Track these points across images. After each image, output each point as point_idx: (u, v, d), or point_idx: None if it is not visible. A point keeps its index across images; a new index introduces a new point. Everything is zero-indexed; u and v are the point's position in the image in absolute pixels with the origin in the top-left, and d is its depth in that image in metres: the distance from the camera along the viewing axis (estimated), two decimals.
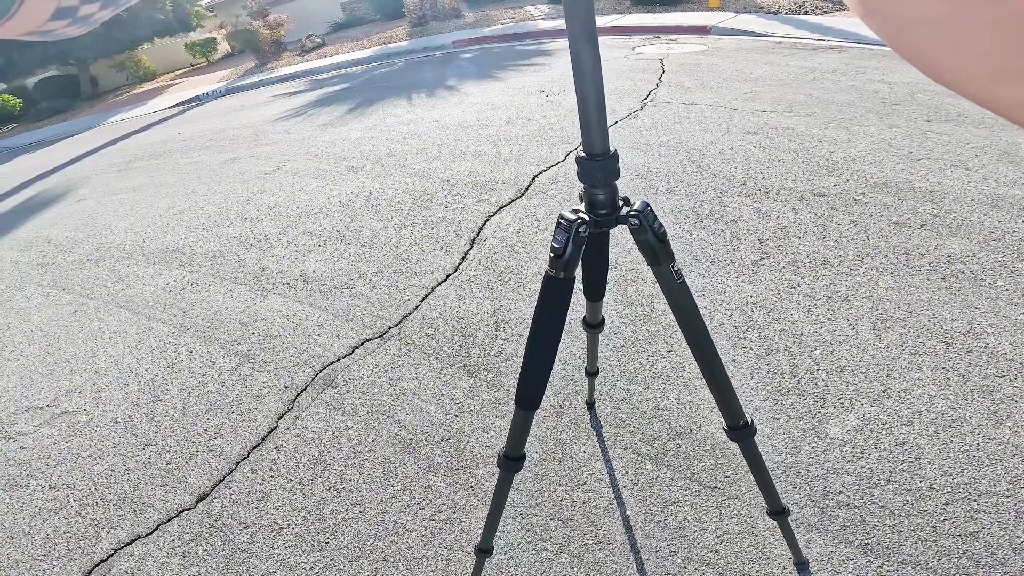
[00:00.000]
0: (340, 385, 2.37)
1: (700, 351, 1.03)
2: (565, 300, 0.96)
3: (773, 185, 3.35)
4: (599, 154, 0.86)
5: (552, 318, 0.97)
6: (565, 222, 0.92)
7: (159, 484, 2.05)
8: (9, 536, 1.97)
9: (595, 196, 0.91)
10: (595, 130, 0.84)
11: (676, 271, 0.97)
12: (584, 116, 0.83)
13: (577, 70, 0.79)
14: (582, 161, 0.88)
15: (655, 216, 0.94)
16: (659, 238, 0.93)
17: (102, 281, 3.73)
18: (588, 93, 0.81)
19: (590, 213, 0.92)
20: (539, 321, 0.98)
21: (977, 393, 1.81)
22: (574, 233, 0.91)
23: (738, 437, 1.13)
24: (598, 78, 0.80)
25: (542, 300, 0.96)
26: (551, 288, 0.94)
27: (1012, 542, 1.41)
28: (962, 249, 2.53)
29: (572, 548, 1.58)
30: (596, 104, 0.81)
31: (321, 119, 6.88)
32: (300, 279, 3.23)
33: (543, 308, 0.96)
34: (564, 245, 0.91)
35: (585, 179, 0.90)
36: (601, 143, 0.85)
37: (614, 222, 0.93)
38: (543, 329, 0.99)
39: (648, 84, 5.69)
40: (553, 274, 0.93)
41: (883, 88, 4.80)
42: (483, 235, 3.33)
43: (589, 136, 0.85)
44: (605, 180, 0.89)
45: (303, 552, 1.70)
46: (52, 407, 2.57)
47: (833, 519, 1.52)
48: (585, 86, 0.80)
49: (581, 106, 0.82)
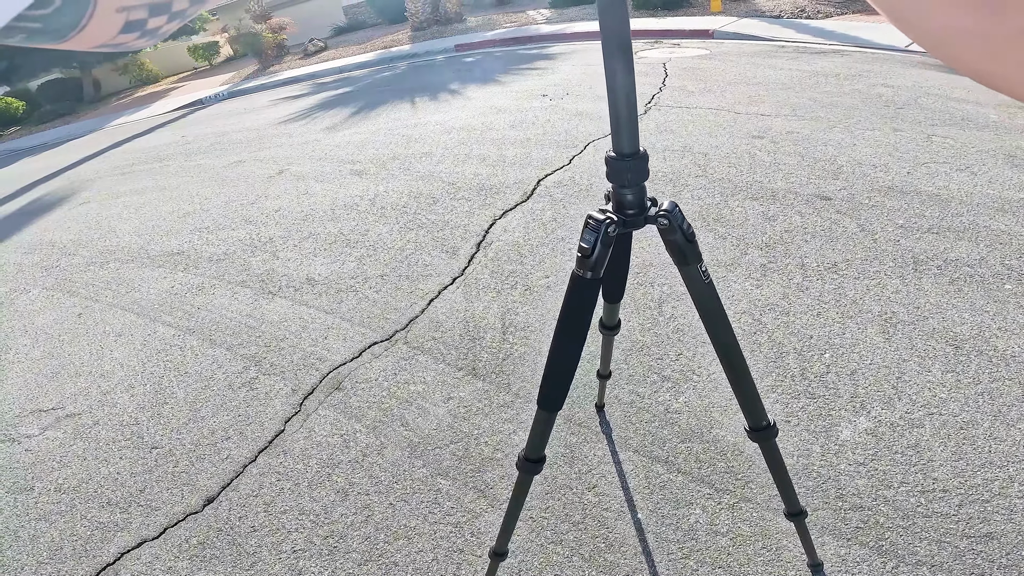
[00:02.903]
0: (347, 388, 2.36)
1: (725, 352, 1.02)
2: (592, 300, 0.95)
3: (779, 189, 3.35)
4: (629, 154, 0.86)
5: (579, 318, 0.97)
6: (594, 222, 0.91)
7: (166, 487, 2.04)
8: (14, 539, 1.96)
9: (624, 196, 0.91)
10: (625, 130, 0.84)
11: (704, 271, 0.96)
12: (615, 116, 0.83)
13: (609, 70, 0.79)
14: (612, 161, 0.87)
15: (683, 216, 0.94)
16: (688, 238, 0.93)
17: (107, 284, 3.73)
18: (619, 93, 0.80)
19: (618, 213, 0.92)
20: (565, 321, 0.97)
21: (988, 396, 1.81)
22: (603, 233, 0.90)
23: (760, 438, 1.13)
24: (630, 78, 0.80)
25: (568, 300, 0.95)
26: (578, 288, 0.94)
27: None
28: (970, 252, 2.52)
29: (584, 551, 1.58)
30: (627, 104, 0.81)
31: (325, 122, 6.89)
32: (306, 282, 3.23)
33: (570, 308, 0.96)
34: (592, 245, 0.90)
35: (614, 179, 0.89)
36: (631, 143, 0.85)
37: (642, 222, 0.93)
38: (569, 329, 0.98)
39: (651, 88, 5.70)
40: (581, 274, 0.92)
41: (887, 92, 4.81)
42: (489, 239, 3.33)
43: (619, 136, 0.84)
44: (634, 180, 0.89)
45: (311, 556, 1.70)
46: (57, 410, 2.57)
47: (847, 521, 1.51)
48: (616, 86, 0.80)
49: (612, 106, 0.82)
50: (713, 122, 4.55)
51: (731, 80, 5.70)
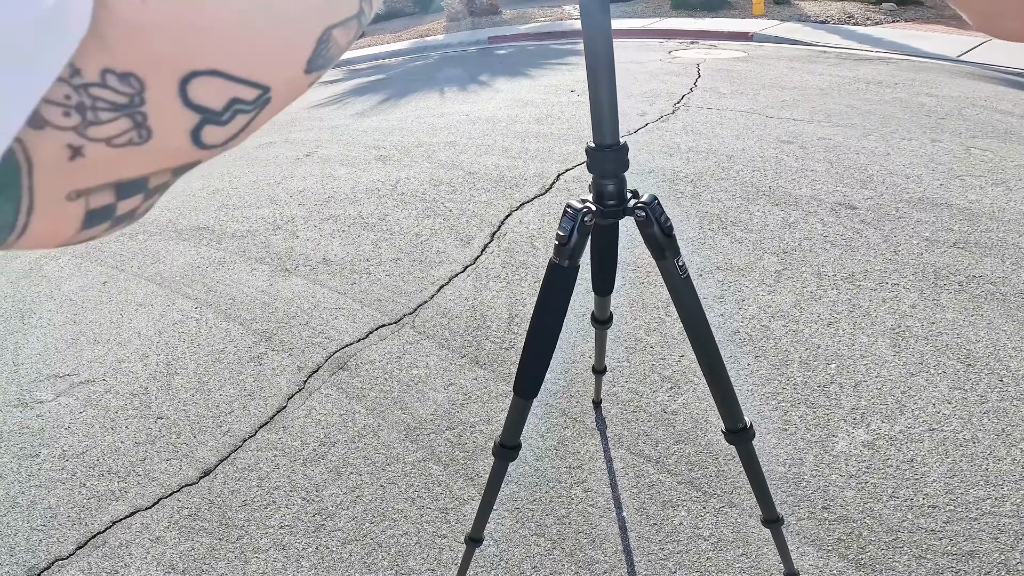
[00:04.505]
0: (351, 368, 2.39)
1: (702, 349, 1.01)
2: (568, 289, 0.95)
3: (803, 195, 3.28)
4: (609, 145, 0.86)
5: (554, 307, 0.97)
6: (571, 211, 0.92)
7: (166, 458, 2.09)
8: (12, 505, 2.01)
9: (604, 187, 0.91)
10: (606, 121, 0.84)
11: (681, 266, 0.95)
12: (596, 108, 0.83)
13: (590, 61, 0.79)
14: (592, 151, 0.88)
15: (662, 210, 0.93)
16: (665, 232, 0.92)
17: (133, 255, 3.82)
18: (600, 84, 0.80)
19: (597, 203, 0.92)
20: (541, 309, 0.98)
21: (993, 414, 1.75)
22: (579, 221, 0.91)
23: (736, 440, 1.11)
24: (611, 70, 0.79)
25: (545, 288, 0.96)
26: (554, 276, 0.94)
27: (1007, 563, 1.37)
28: (993, 270, 2.44)
29: (565, 545, 1.57)
30: (608, 96, 0.81)
31: (355, 108, 6.96)
32: (322, 262, 3.27)
33: (546, 296, 0.96)
34: (569, 233, 0.91)
35: (594, 169, 0.90)
36: (612, 134, 0.85)
37: (621, 213, 0.93)
38: (545, 318, 0.98)
39: (682, 88, 5.62)
40: (557, 262, 0.93)
41: (929, 101, 4.66)
42: (503, 229, 3.33)
43: (600, 126, 0.84)
44: (614, 171, 0.89)
45: (298, 532, 1.72)
46: (72, 376, 2.65)
47: (830, 532, 1.48)
48: (598, 78, 0.80)
49: (593, 98, 0.82)
50: (742, 125, 4.47)
51: (765, 83, 5.59)
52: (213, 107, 0.22)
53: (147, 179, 0.24)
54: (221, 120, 0.23)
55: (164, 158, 0.23)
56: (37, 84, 0.17)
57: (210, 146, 0.24)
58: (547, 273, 0.94)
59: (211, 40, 0.20)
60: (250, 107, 0.23)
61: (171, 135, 0.22)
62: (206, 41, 0.20)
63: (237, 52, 0.21)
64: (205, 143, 0.23)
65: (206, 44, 0.20)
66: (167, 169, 0.24)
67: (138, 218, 0.26)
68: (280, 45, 0.22)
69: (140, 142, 0.21)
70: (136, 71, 0.20)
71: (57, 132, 0.19)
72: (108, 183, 0.22)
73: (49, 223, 0.21)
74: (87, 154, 0.20)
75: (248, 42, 0.21)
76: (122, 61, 0.19)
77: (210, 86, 0.21)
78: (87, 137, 0.20)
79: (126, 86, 0.20)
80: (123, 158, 0.21)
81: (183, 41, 0.20)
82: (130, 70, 0.20)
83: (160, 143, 0.22)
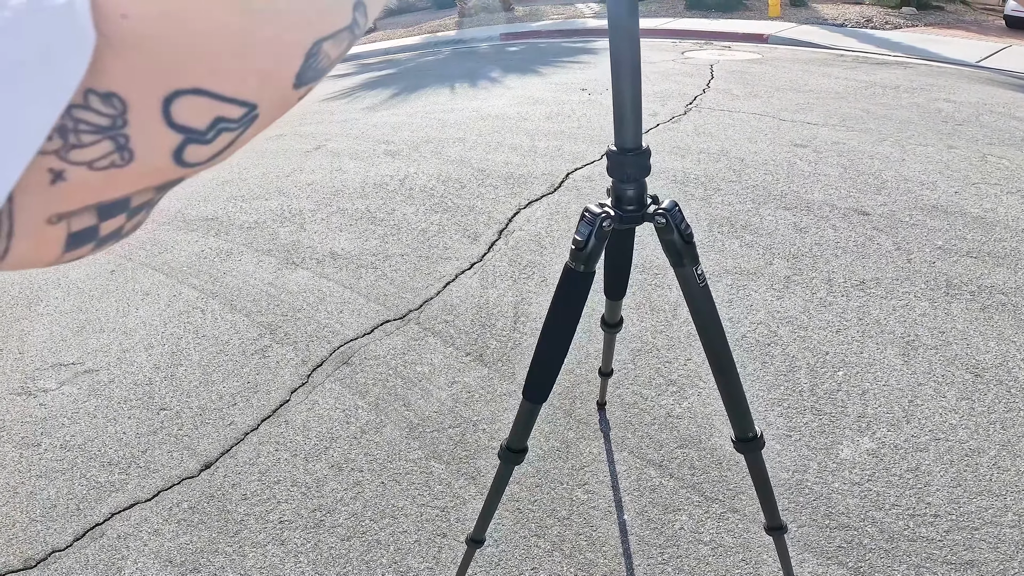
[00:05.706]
0: (355, 363, 2.38)
1: (716, 358, 1.00)
2: (583, 294, 0.94)
3: (815, 200, 3.25)
4: (631, 149, 0.85)
5: (568, 311, 0.96)
6: (590, 215, 0.90)
7: (167, 450, 2.09)
8: (12, 495, 1.99)
9: (623, 192, 0.90)
10: (629, 125, 0.83)
11: (700, 274, 0.94)
12: (619, 110, 0.81)
13: (615, 62, 0.78)
14: (613, 155, 0.87)
15: (683, 216, 0.91)
16: (685, 239, 0.91)
17: (142, 244, 3.83)
18: (624, 86, 0.79)
19: (616, 208, 0.90)
20: (554, 314, 0.96)
21: (1000, 425, 1.73)
22: (597, 227, 0.89)
23: (746, 449, 1.10)
24: (636, 72, 0.78)
25: (559, 292, 0.95)
26: (570, 281, 0.93)
27: (1006, 572, 1.36)
28: (1006, 280, 2.41)
29: (565, 547, 1.56)
30: (632, 98, 0.80)
31: (365, 102, 6.95)
32: (329, 255, 3.27)
33: (560, 300, 0.95)
34: (587, 238, 0.89)
35: (614, 173, 0.88)
36: (634, 138, 0.84)
37: (640, 219, 0.91)
38: (558, 322, 0.97)
39: (695, 89, 5.58)
40: (573, 267, 0.91)
41: (947, 107, 4.61)
42: (511, 227, 3.31)
43: (622, 130, 0.83)
44: (635, 176, 0.87)
45: (297, 528, 1.72)
46: (77, 364, 2.65)
47: (830, 539, 1.47)
48: (621, 79, 0.78)
49: (616, 100, 0.81)
50: (755, 127, 4.44)
51: (780, 86, 5.54)
52: (197, 127, 0.21)
53: (129, 199, 0.23)
54: (205, 139, 0.22)
55: (146, 178, 0.22)
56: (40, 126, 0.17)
57: (193, 164, 0.23)
58: (562, 277, 0.93)
59: (194, 57, 0.19)
60: (236, 125, 0.23)
61: (153, 156, 0.21)
62: (189, 58, 0.19)
63: (222, 69, 0.20)
64: (188, 162, 0.23)
65: (189, 61, 0.19)
66: (149, 188, 0.23)
67: (126, 235, 0.25)
68: (267, 61, 0.21)
69: (122, 164, 0.21)
70: (118, 91, 0.19)
71: (39, 157, 0.19)
72: (90, 205, 0.22)
73: (31, 246, 0.21)
74: (68, 178, 0.20)
75: (233, 59, 0.20)
76: (104, 80, 0.19)
77: (194, 105, 0.20)
78: (69, 161, 0.20)
79: (108, 107, 0.19)
80: (105, 181, 0.21)
81: (165, 58, 0.19)
82: (112, 90, 0.19)
83: (142, 164, 0.21)
